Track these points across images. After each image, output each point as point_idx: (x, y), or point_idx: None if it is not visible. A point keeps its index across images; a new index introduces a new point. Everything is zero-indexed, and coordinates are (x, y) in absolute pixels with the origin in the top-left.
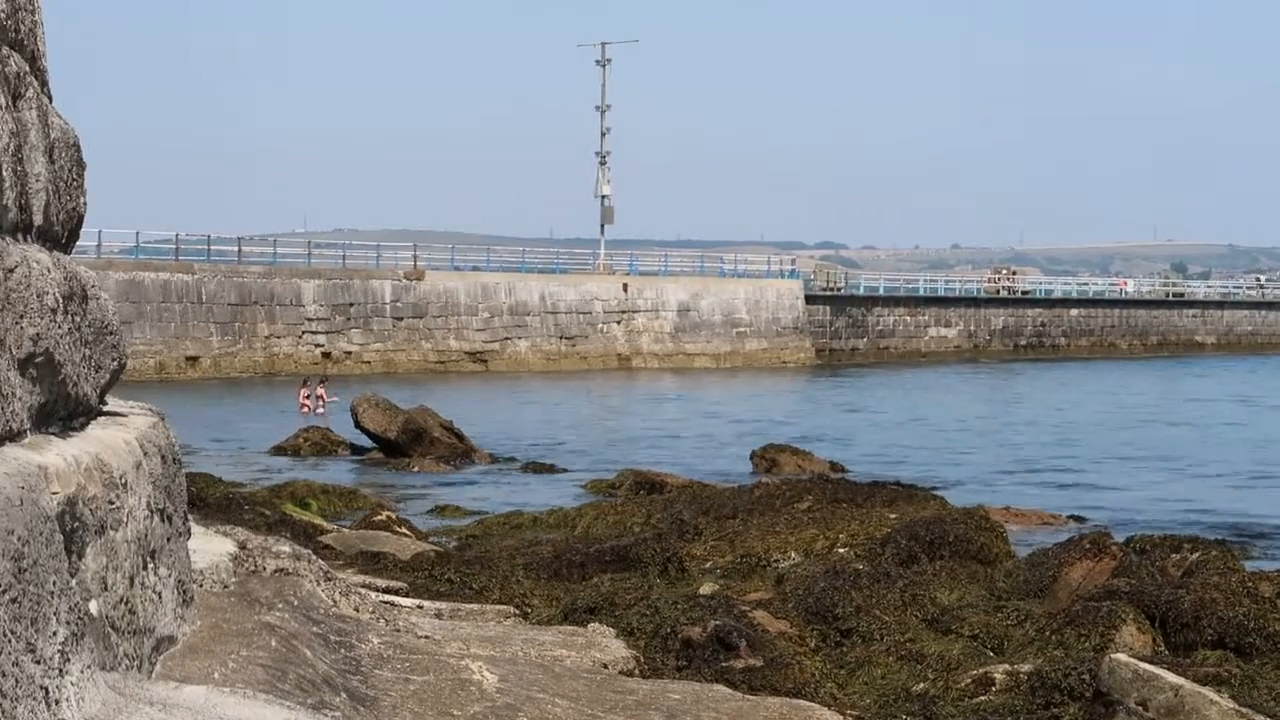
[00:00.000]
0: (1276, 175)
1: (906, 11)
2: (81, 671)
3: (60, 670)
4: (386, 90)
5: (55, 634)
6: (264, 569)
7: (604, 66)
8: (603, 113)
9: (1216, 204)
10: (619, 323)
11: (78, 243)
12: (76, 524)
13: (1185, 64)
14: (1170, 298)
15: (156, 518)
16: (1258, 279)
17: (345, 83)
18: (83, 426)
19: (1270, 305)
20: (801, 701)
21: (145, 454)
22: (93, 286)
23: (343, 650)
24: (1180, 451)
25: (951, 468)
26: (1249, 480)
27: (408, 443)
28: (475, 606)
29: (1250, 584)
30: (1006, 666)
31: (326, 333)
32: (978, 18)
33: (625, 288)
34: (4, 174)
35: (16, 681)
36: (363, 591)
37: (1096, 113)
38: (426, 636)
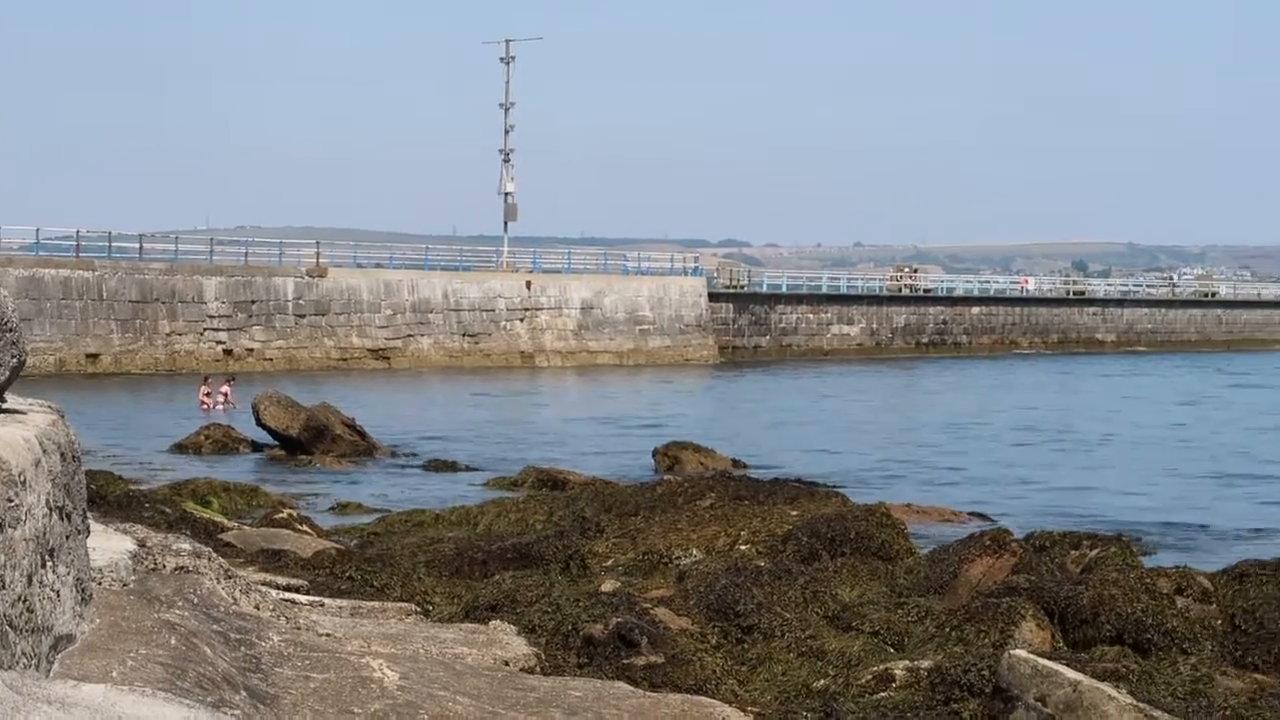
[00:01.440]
0: (1176, 174)
1: (809, 9)
2: None
3: None
4: (288, 87)
5: None
6: (164, 567)
7: (508, 64)
8: (506, 110)
9: (1117, 203)
10: (522, 320)
11: None
12: None
13: (1083, 61)
14: (1071, 296)
15: (55, 515)
16: (1170, 277)
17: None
18: None
19: (1170, 303)
20: (703, 698)
21: (44, 451)
22: None
23: (243, 648)
24: (1081, 449)
25: (854, 465)
26: (1148, 477)
27: (309, 440)
28: (376, 604)
29: (1148, 580)
30: (907, 663)
31: (228, 330)
32: (885, 16)
33: (529, 285)
34: None
35: None
36: (263, 589)
37: (997, 111)
38: (327, 634)
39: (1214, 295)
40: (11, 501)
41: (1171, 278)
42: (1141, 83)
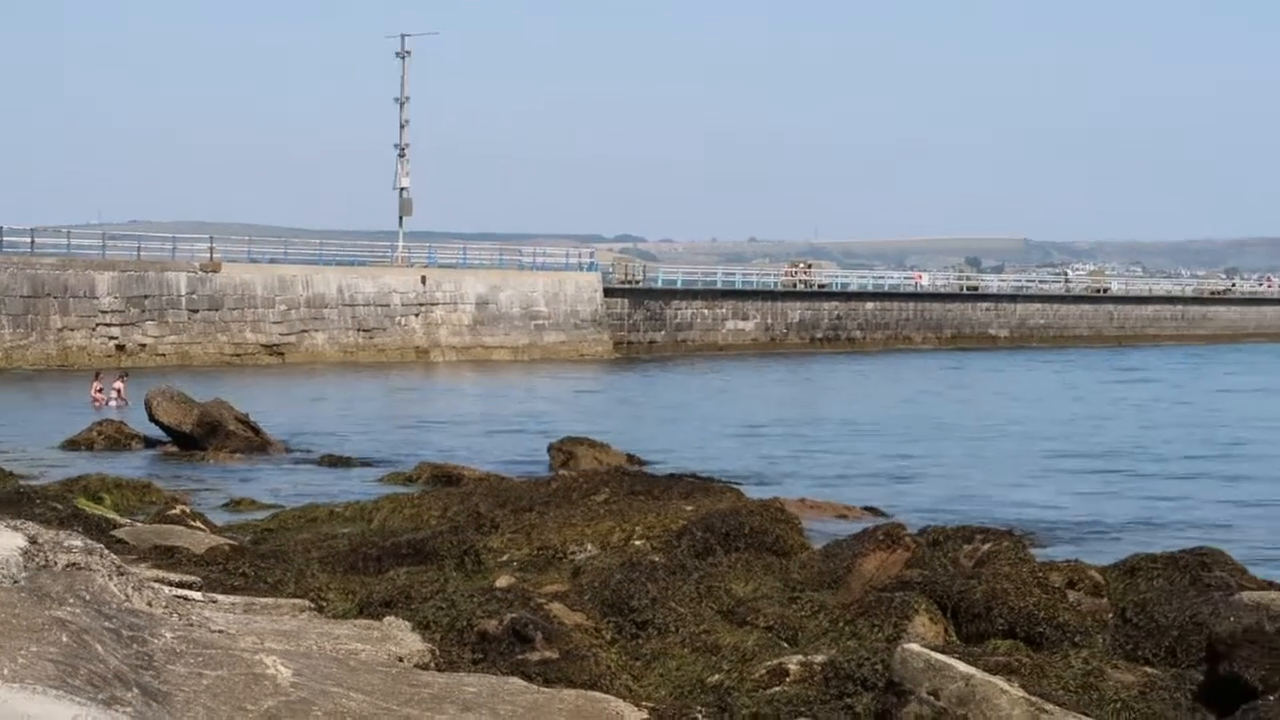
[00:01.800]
0: (1068, 171)
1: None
2: None
3: None
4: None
5: None
6: (55, 563)
7: (404, 59)
8: (402, 105)
9: (1010, 199)
10: (417, 315)
11: None
12: None
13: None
14: (965, 291)
15: None
16: (1064, 273)
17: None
18: None
19: (1063, 299)
20: (597, 693)
21: None
22: None
23: (135, 645)
24: (975, 444)
25: (749, 460)
26: (1040, 472)
27: (203, 436)
28: (270, 600)
29: (1040, 574)
30: (801, 657)
31: (121, 325)
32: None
33: (423, 280)
34: None
35: None
36: (156, 586)
37: (890, 107)
38: (220, 631)
39: (1106, 291)
40: None
41: (1065, 273)
42: (1035, 80)
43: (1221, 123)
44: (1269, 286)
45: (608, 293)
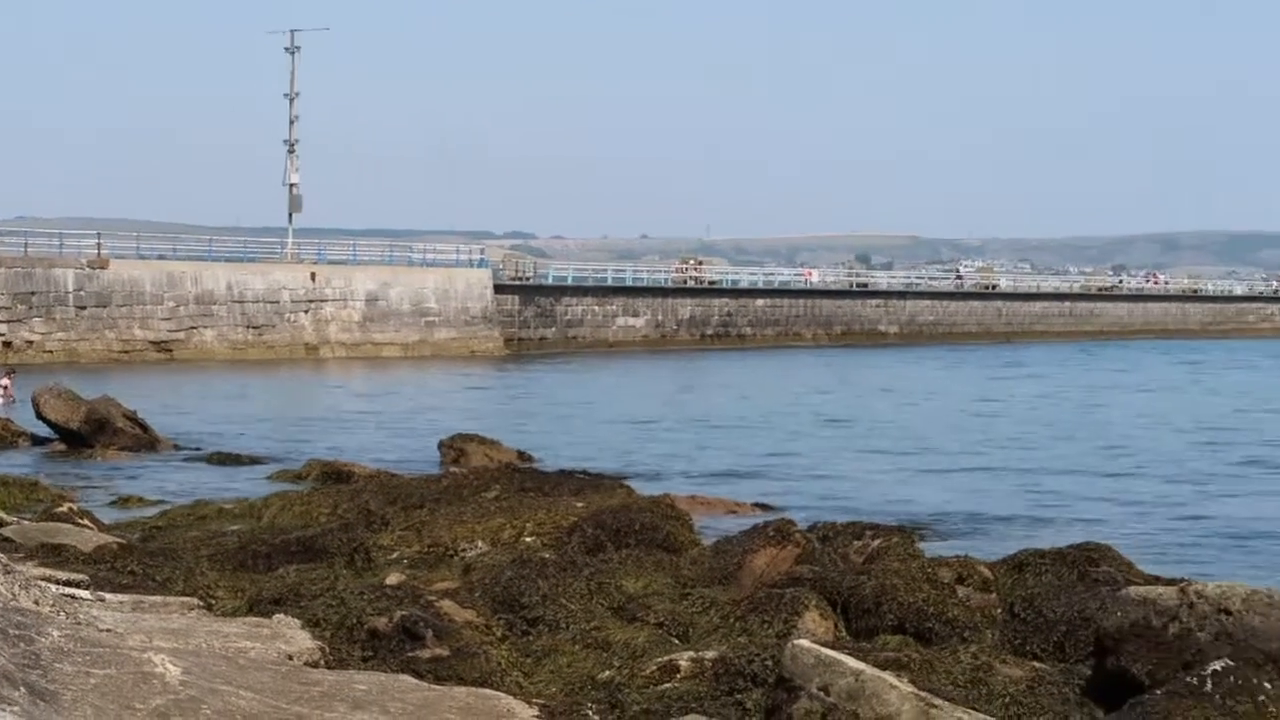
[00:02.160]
0: (956, 168)
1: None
2: None
3: None
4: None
5: None
6: None
7: (293, 54)
8: (291, 100)
9: (900, 196)
10: (307, 312)
11: None
12: None
13: (864, 54)
14: (855, 288)
15: None
16: (957, 270)
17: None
18: None
19: (952, 295)
20: (487, 690)
21: None
22: None
23: (22, 644)
24: (865, 439)
25: (639, 457)
26: (931, 467)
27: (91, 433)
28: (159, 599)
29: (930, 570)
30: (692, 653)
31: (8, 322)
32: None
33: (313, 277)
34: None
35: None
36: (43, 585)
37: (781, 103)
38: (109, 629)
39: (995, 288)
40: None
41: (958, 270)
42: (924, 78)
43: (1109, 122)
44: (1154, 283)
45: (498, 289)
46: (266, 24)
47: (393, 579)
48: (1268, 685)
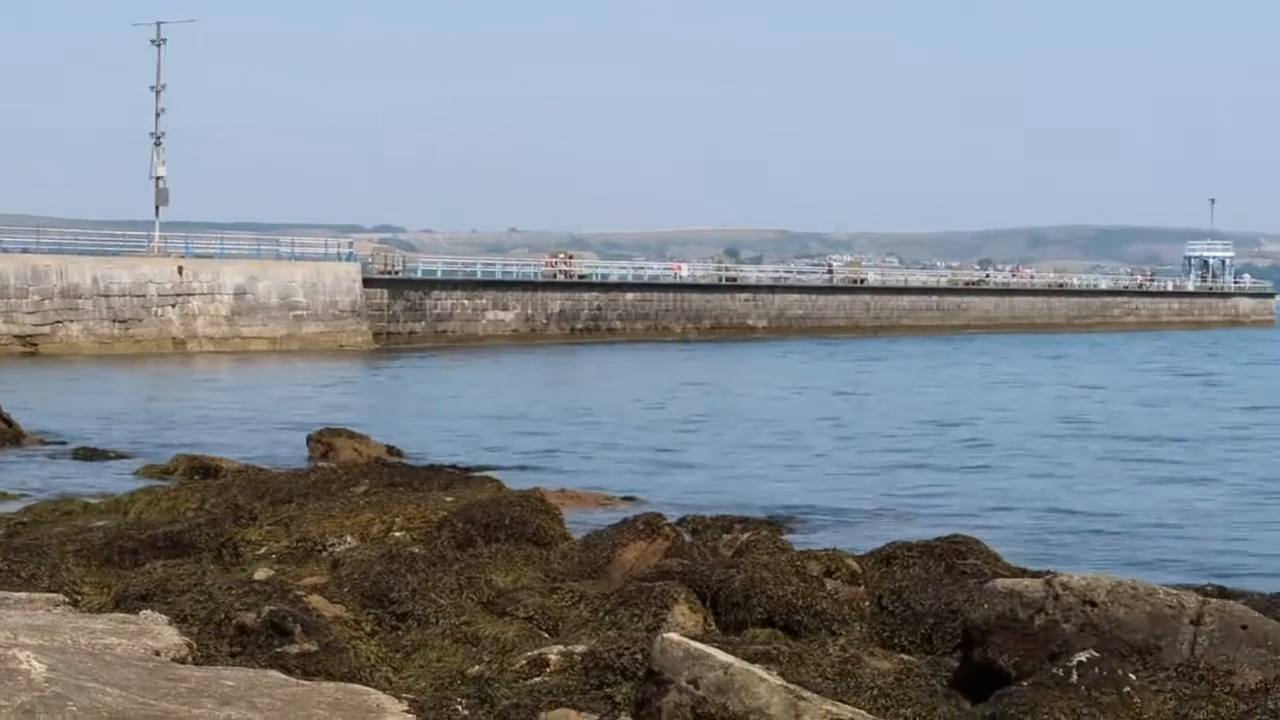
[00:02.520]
0: (824, 163)
1: None
2: None
3: None
4: None
5: None
6: None
7: (159, 46)
8: (158, 93)
9: (768, 190)
10: (174, 306)
11: None
12: None
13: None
14: (724, 282)
15: None
16: (829, 264)
17: None
18: None
19: (821, 290)
20: (357, 686)
21: None
22: None
23: None
24: (735, 433)
25: (509, 451)
26: (800, 460)
27: None
28: (23, 595)
29: (799, 563)
30: (561, 647)
31: None
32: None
33: (180, 270)
34: None
35: None
36: None
37: (649, 97)
38: None
39: (863, 282)
40: None
41: (830, 265)
42: (788, 70)
43: (977, 117)
44: (1019, 277)
45: (367, 283)
46: (132, 16)
47: (261, 574)
48: (1132, 676)
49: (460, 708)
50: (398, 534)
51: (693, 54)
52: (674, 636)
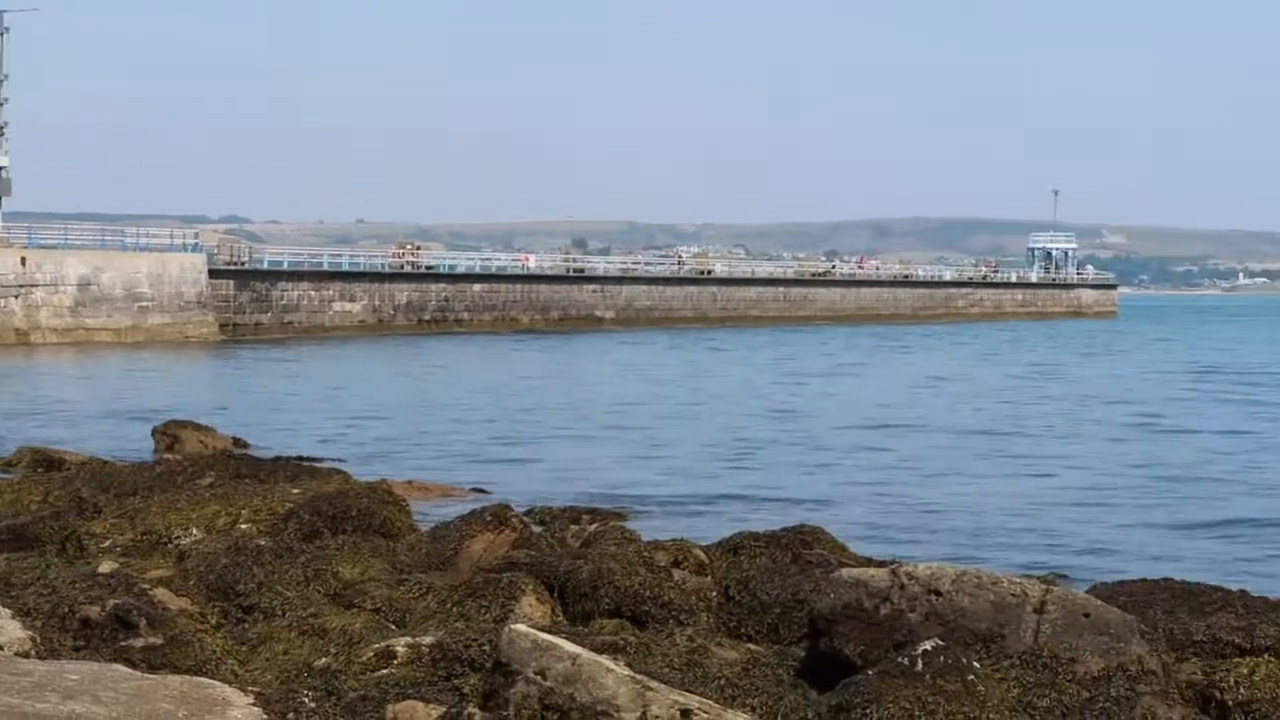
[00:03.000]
0: (673, 154)
1: None
2: None
3: None
4: None
5: None
6: None
7: (1, 36)
8: (0, 83)
9: (615, 181)
10: (17, 297)
11: None
12: None
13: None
14: (571, 273)
15: None
16: (679, 256)
17: None
18: None
19: (668, 281)
20: (202, 679)
21: None
22: None
23: None
24: (584, 423)
25: (356, 443)
26: (647, 451)
27: None
28: None
29: (646, 553)
30: (409, 639)
31: None
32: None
33: (23, 261)
34: None
35: None
36: None
37: (496, 90)
38: None
39: (710, 273)
40: None
41: (680, 256)
42: (640, 66)
43: (819, 108)
44: (863, 268)
45: (213, 274)
46: None
47: (105, 567)
48: (976, 665)
49: (307, 700)
50: (244, 526)
51: (535, 47)
52: (521, 628)
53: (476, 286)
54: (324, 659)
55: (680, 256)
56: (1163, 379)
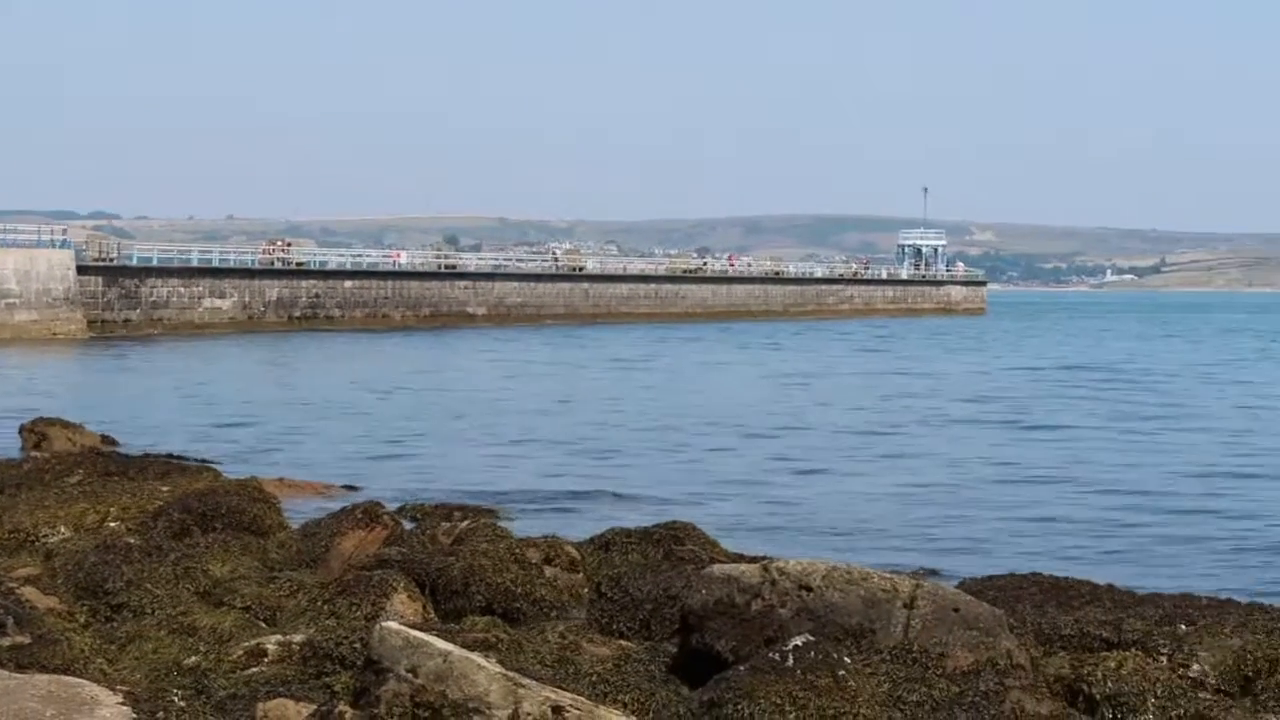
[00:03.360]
0: (544, 151)
1: None
2: None
3: None
4: None
5: None
6: None
7: None
8: None
9: (487, 178)
10: None
11: None
12: None
13: (444, 36)
14: (443, 270)
15: None
16: (554, 252)
17: None
18: None
19: (540, 277)
20: (70, 678)
21: None
22: None
23: None
24: (455, 419)
25: (227, 441)
26: (521, 448)
27: None
28: None
29: (518, 550)
30: (279, 637)
31: None
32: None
33: None
34: None
35: None
36: None
37: (363, 83)
38: None
39: (582, 270)
40: None
41: (555, 252)
42: (511, 61)
43: (691, 105)
44: (732, 265)
45: (81, 271)
46: None
47: None
48: (847, 659)
49: (176, 699)
50: (113, 524)
51: (407, 42)
52: (393, 625)
53: (348, 283)
54: (194, 657)
55: (555, 253)
56: (1030, 376)
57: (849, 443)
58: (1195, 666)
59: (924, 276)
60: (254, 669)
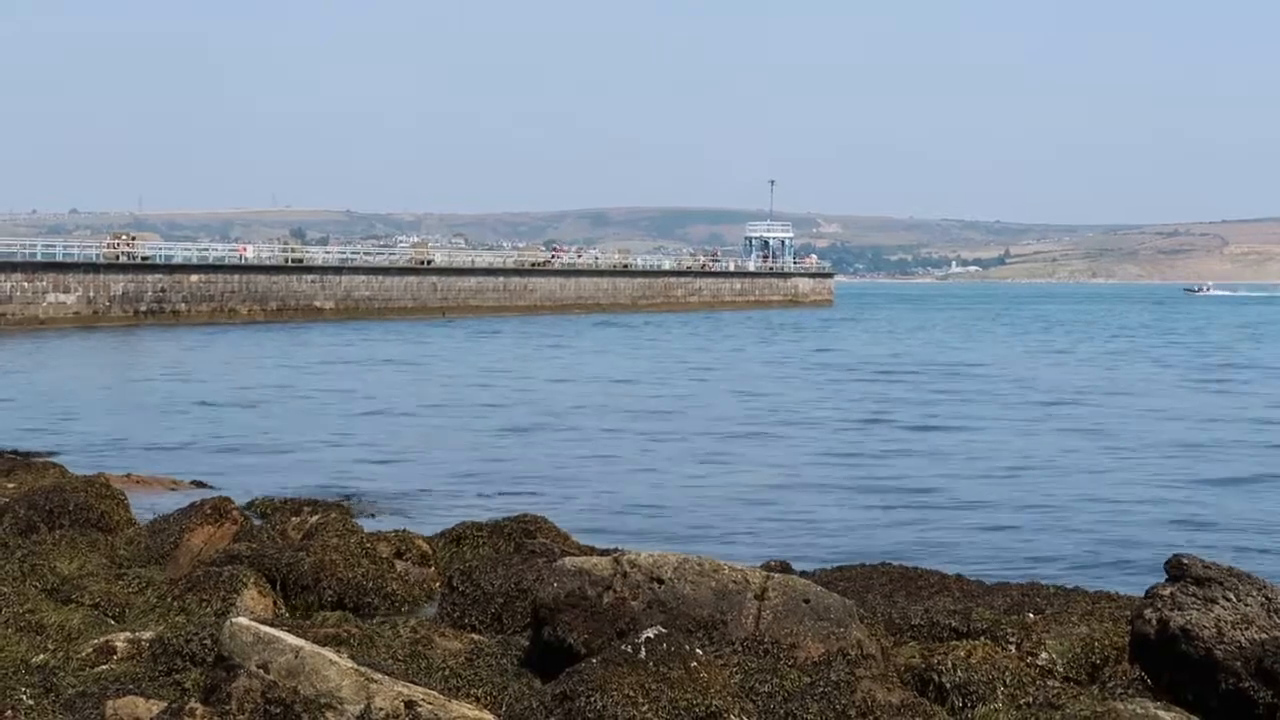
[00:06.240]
0: (390, 144)
1: None
2: None
3: None
4: None
5: None
6: None
7: None
8: None
9: (333, 171)
10: None
11: None
12: None
13: (319, 28)
14: (290, 264)
15: None
16: (402, 246)
17: None
18: None
19: (388, 271)
20: None
21: None
22: None
23: None
24: (305, 415)
25: (74, 436)
26: (371, 440)
27: None
28: None
29: (369, 545)
30: (128, 634)
31: None
32: None
33: None
34: None
35: None
36: None
37: (214, 75)
38: None
39: (430, 263)
40: None
41: (403, 246)
42: (352, 59)
43: (536, 97)
44: (580, 258)
45: None
46: None
47: None
48: (699, 651)
49: (25, 697)
50: None
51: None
52: (243, 621)
53: (194, 277)
54: (41, 655)
55: (404, 247)
56: (875, 368)
57: (704, 434)
58: (1044, 655)
59: (771, 269)
60: (103, 666)
